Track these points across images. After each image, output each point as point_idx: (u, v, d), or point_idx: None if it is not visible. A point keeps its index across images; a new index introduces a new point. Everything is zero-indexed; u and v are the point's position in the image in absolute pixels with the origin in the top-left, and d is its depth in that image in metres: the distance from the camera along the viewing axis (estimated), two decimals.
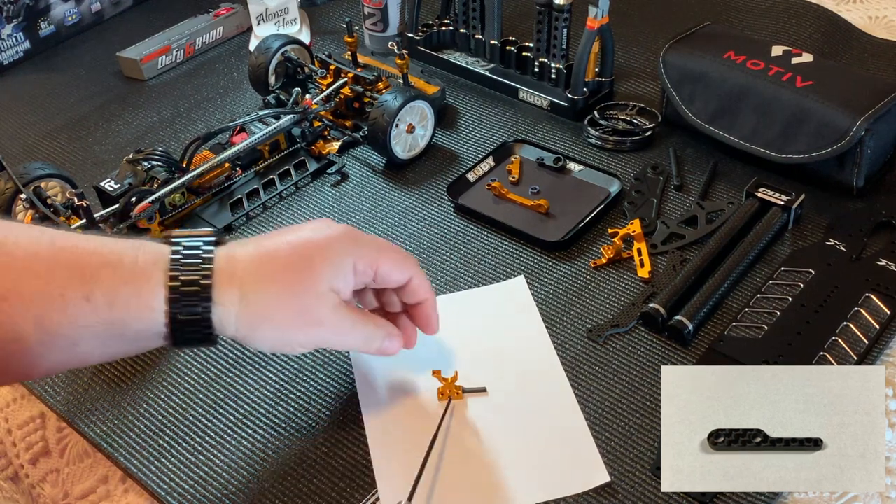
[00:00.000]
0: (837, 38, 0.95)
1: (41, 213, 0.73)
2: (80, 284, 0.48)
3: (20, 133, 0.96)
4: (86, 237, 0.50)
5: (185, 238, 0.52)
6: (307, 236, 0.54)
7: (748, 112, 0.76)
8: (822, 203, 0.74)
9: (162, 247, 0.51)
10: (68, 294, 0.47)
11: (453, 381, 0.61)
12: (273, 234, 0.55)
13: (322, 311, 0.53)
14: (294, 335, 0.53)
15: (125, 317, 0.49)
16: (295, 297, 0.52)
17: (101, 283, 0.48)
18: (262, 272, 0.51)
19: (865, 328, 0.63)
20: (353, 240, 0.55)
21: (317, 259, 0.53)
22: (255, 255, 0.52)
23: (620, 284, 0.69)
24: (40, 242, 0.48)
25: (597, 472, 0.55)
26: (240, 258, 0.52)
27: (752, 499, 0.53)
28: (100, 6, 1.14)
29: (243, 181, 0.82)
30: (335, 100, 0.88)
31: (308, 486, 0.56)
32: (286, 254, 0.53)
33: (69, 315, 0.48)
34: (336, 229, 0.55)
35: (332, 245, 0.54)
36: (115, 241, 0.51)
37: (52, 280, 0.47)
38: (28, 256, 0.48)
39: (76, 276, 0.48)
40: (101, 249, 0.49)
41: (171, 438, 0.60)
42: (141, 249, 0.50)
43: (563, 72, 0.88)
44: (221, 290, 0.50)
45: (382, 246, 0.57)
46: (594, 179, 0.79)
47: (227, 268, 0.51)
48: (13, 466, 0.68)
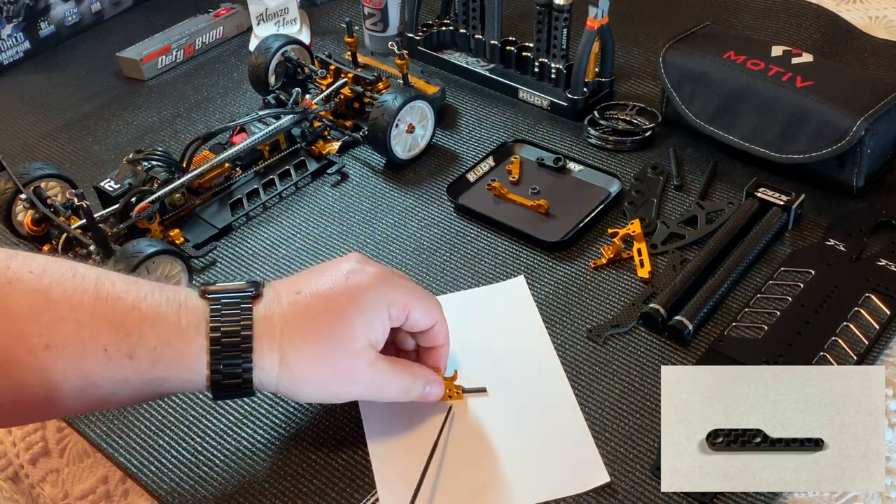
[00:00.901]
0: (837, 38, 0.95)
1: (41, 213, 0.73)
2: (123, 341, 0.48)
3: (20, 133, 0.96)
4: (126, 285, 0.50)
5: (223, 295, 0.52)
6: (341, 284, 0.54)
7: (748, 112, 0.76)
8: (822, 203, 0.74)
9: (201, 305, 0.51)
10: (111, 350, 0.48)
11: (453, 380, 0.61)
12: (308, 276, 0.55)
13: (358, 369, 0.53)
14: (333, 392, 0.54)
15: (167, 375, 0.50)
16: (331, 357, 0.52)
17: (145, 342, 0.49)
18: (298, 333, 0.52)
19: (865, 328, 0.63)
20: (386, 285, 0.55)
21: (350, 313, 0.53)
22: (290, 314, 0.52)
23: (620, 284, 0.69)
24: (85, 291, 0.49)
25: (597, 472, 0.55)
26: (277, 317, 0.52)
27: (751, 499, 0.53)
28: (100, 6, 1.14)
29: (243, 181, 0.82)
30: (335, 100, 0.88)
31: (308, 486, 0.56)
32: (320, 309, 0.53)
33: (110, 369, 0.48)
34: (368, 275, 0.55)
35: (365, 295, 0.54)
36: (155, 291, 0.51)
37: (95, 333, 0.48)
38: (73, 306, 0.48)
39: (120, 331, 0.48)
40: (141, 305, 0.50)
41: (171, 438, 0.60)
42: (182, 308, 0.51)
43: (563, 72, 0.88)
44: (261, 355, 0.51)
45: (413, 291, 0.57)
46: (594, 179, 0.79)
47: (265, 331, 0.51)
48: (13, 466, 0.68)
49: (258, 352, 0.51)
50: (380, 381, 0.55)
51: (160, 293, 0.51)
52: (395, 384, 0.56)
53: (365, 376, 0.54)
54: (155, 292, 0.51)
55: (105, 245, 0.70)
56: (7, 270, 0.48)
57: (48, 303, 0.48)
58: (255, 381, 0.51)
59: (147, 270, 0.67)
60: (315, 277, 0.55)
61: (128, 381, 0.49)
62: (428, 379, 0.58)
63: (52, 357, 0.47)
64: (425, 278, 0.71)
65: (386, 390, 0.56)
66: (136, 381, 0.49)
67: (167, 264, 0.68)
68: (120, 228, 0.73)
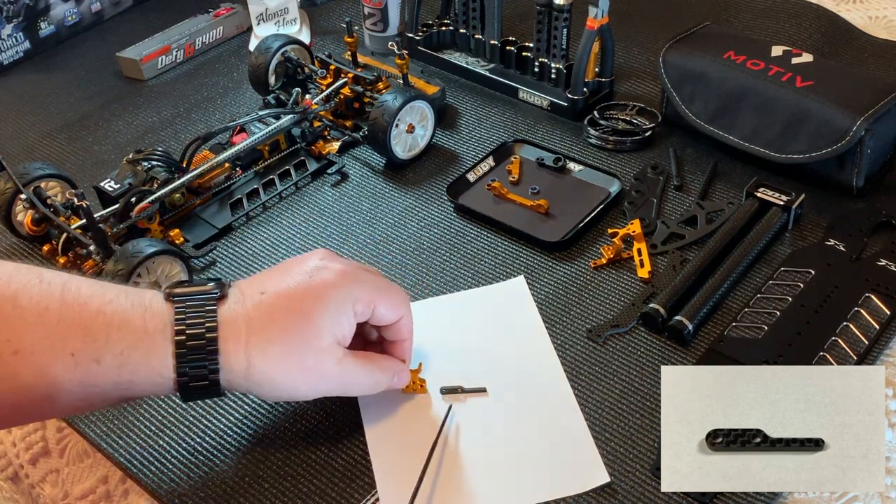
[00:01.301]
0: (837, 38, 0.95)
1: (41, 213, 0.73)
2: (90, 346, 0.49)
3: (20, 133, 0.96)
4: (91, 289, 0.51)
5: (188, 297, 0.52)
6: (305, 282, 0.54)
7: (748, 112, 0.76)
8: (822, 203, 0.74)
9: (165, 308, 0.51)
10: (78, 355, 0.48)
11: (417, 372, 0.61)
12: (272, 275, 0.55)
13: (325, 366, 0.53)
14: (302, 391, 0.54)
15: (134, 379, 0.50)
16: (298, 356, 0.52)
17: (111, 346, 0.49)
18: (263, 334, 0.52)
19: (865, 328, 0.63)
20: (350, 282, 0.55)
21: (316, 312, 0.53)
22: (254, 315, 0.52)
23: (620, 284, 0.69)
24: (52, 296, 0.49)
25: (597, 472, 0.55)
26: (241, 318, 0.52)
27: (751, 499, 0.53)
28: (100, 6, 1.14)
29: (243, 181, 0.82)
30: (335, 100, 0.88)
31: (308, 486, 0.56)
32: (284, 309, 0.53)
33: (78, 374, 0.49)
34: (333, 272, 0.55)
35: (329, 293, 0.53)
36: (120, 296, 0.51)
37: (62, 339, 0.48)
38: (40, 312, 0.48)
39: (87, 336, 0.49)
40: (106, 309, 0.50)
41: (171, 438, 0.60)
42: (148, 311, 0.51)
43: (563, 72, 0.88)
44: (227, 357, 0.51)
45: (379, 286, 0.56)
46: (594, 179, 0.79)
47: (230, 333, 0.51)
48: (13, 466, 0.68)
49: (224, 354, 0.51)
50: (348, 377, 0.55)
51: (125, 297, 0.51)
52: (364, 379, 0.56)
53: (333, 373, 0.54)
54: (120, 296, 0.51)
55: (105, 245, 0.70)
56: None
57: (15, 309, 0.48)
58: (222, 383, 0.51)
59: (147, 270, 0.67)
60: (279, 276, 0.55)
61: (96, 385, 0.49)
62: (395, 370, 0.58)
63: (21, 363, 0.47)
64: (425, 278, 0.71)
65: (354, 386, 0.56)
66: (104, 385, 0.50)
67: (167, 264, 0.68)
68: (120, 228, 0.73)
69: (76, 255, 0.72)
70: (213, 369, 0.51)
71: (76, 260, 0.72)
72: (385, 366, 0.57)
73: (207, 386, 0.51)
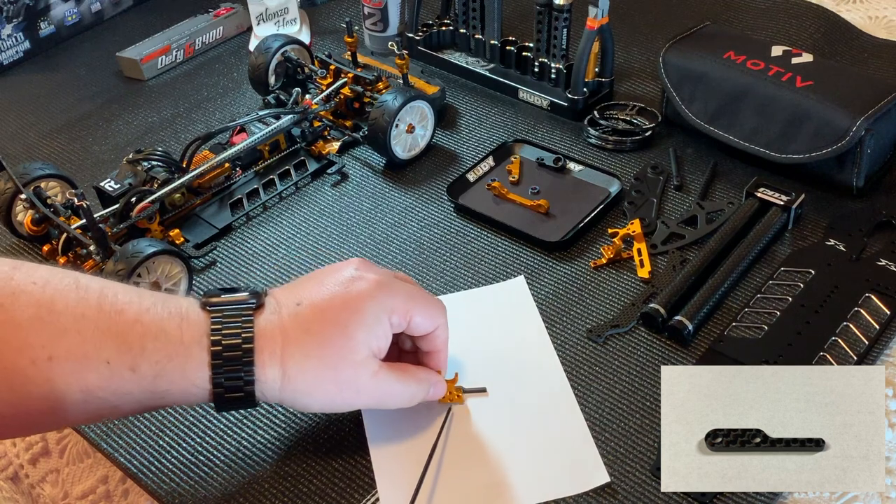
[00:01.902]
0: (837, 38, 0.95)
1: (41, 213, 0.73)
2: (126, 354, 0.48)
3: (20, 133, 0.96)
4: (128, 296, 0.50)
5: (225, 307, 0.52)
6: (341, 293, 0.53)
7: (748, 112, 0.76)
8: (822, 203, 0.74)
9: (202, 318, 0.51)
10: (114, 363, 0.48)
11: (453, 382, 0.61)
12: (308, 285, 0.55)
13: (361, 381, 0.53)
14: (337, 404, 0.54)
15: (169, 388, 0.50)
16: (333, 370, 0.52)
17: (147, 356, 0.49)
18: (299, 346, 0.52)
19: (865, 328, 0.63)
20: (386, 292, 0.54)
21: (352, 324, 0.52)
22: (290, 326, 0.52)
23: (620, 284, 0.69)
24: (88, 303, 0.49)
25: (597, 472, 0.55)
26: (277, 330, 0.52)
27: (752, 499, 0.53)
28: (100, 6, 1.14)
29: (243, 181, 0.82)
30: (335, 100, 0.88)
31: (308, 486, 0.56)
32: (321, 321, 0.52)
33: (113, 382, 0.49)
34: (368, 282, 0.54)
35: (365, 305, 0.53)
36: (157, 304, 0.51)
37: (98, 346, 0.48)
38: (76, 318, 0.48)
39: (122, 345, 0.48)
40: (143, 318, 0.50)
41: (171, 438, 0.60)
42: (184, 321, 0.50)
43: (563, 72, 0.88)
44: (263, 369, 0.51)
45: (415, 295, 0.56)
46: (594, 179, 0.79)
47: (267, 344, 0.51)
48: (13, 466, 0.68)
49: (260, 365, 0.51)
50: (384, 390, 0.54)
51: (162, 306, 0.51)
52: (400, 392, 0.55)
53: (368, 387, 0.53)
54: (157, 305, 0.51)
55: (105, 245, 0.70)
56: (11, 281, 0.48)
57: (51, 314, 0.48)
58: (257, 394, 0.51)
59: (147, 270, 0.67)
60: (315, 286, 0.54)
61: (130, 393, 0.49)
62: (431, 381, 0.57)
63: (55, 369, 0.47)
64: (425, 278, 0.71)
65: (390, 399, 0.55)
66: (138, 393, 0.50)
67: (167, 264, 0.68)
68: (120, 228, 0.73)
69: (76, 254, 0.72)
70: (249, 380, 0.51)
71: (76, 260, 0.72)
72: (421, 377, 0.57)
73: (243, 397, 0.51)
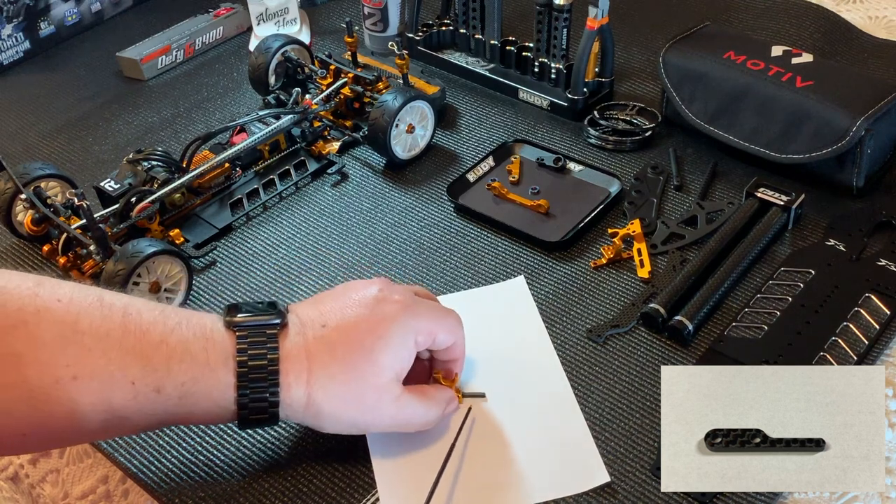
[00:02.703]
0: (837, 38, 0.95)
1: (41, 213, 0.73)
2: (150, 375, 0.49)
3: (20, 133, 0.96)
4: (152, 315, 0.50)
5: (249, 327, 0.51)
6: (366, 316, 0.53)
7: (748, 112, 0.76)
8: (822, 203, 0.74)
9: (227, 338, 0.51)
10: (139, 383, 0.48)
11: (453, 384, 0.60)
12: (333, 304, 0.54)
13: (384, 405, 0.53)
14: (360, 427, 0.55)
15: (193, 409, 0.50)
16: (358, 394, 0.52)
17: (172, 378, 0.49)
18: (324, 370, 0.52)
19: (865, 328, 0.63)
20: (411, 315, 0.54)
21: (377, 349, 0.53)
22: (315, 350, 0.52)
23: (620, 284, 0.69)
24: (113, 321, 0.49)
25: (597, 472, 0.55)
26: (303, 353, 0.52)
27: (752, 499, 0.53)
28: (100, 6, 1.14)
29: (243, 181, 0.82)
30: (335, 100, 0.88)
31: (308, 486, 0.56)
32: (346, 345, 0.52)
33: (138, 402, 0.49)
34: (394, 305, 0.54)
35: (391, 329, 0.53)
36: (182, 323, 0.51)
37: (123, 366, 0.48)
38: (101, 338, 0.48)
39: (147, 366, 0.49)
40: (168, 339, 0.50)
41: (171, 438, 0.60)
42: (210, 342, 0.50)
43: (563, 72, 0.88)
44: (288, 392, 0.51)
45: (437, 314, 0.56)
46: (594, 179, 0.79)
47: (292, 367, 0.51)
48: (13, 466, 0.68)
49: (284, 388, 0.51)
50: (406, 413, 0.55)
51: (187, 326, 0.51)
52: (421, 415, 0.56)
53: (391, 411, 0.54)
54: (182, 325, 0.51)
55: (105, 245, 0.70)
56: (36, 298, 0.48)
57: (76, 334, 0.48)
58: (280, 415, 0.52)
59: (147, 270, 0.67)
60: (339, 306, 0.54)
61: (154, 413, 0.50)
62: (446, 400, 0.58)
63: (79, 388, 0.47)
64: (425, 279, 0.71)
65: (412, 422, 0.56)
66: (161, 413, 0.50)
67: (167, 264, 0.68)
68: (120, 228, 0.73)
69: (76, 254, 0.72)
70: (274, 402, 0.51)
71: (76, 260, 0.72)
72: (438, 398, 0.57)
73: (266, 418, 0.51)
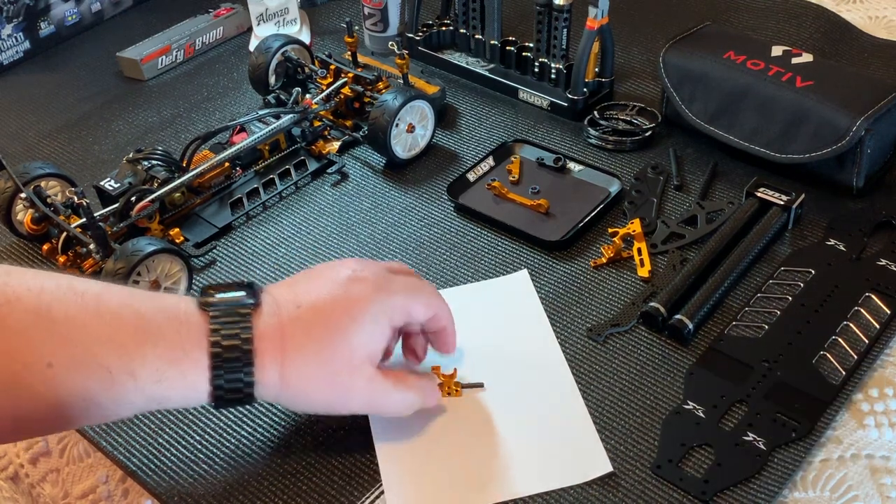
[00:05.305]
0: (837, 38, 0.95)
1: (41, 212, 0.73)
2: (126, 363, 0.48)
3: (20, 133, 0.96)
4: (124, 299, 0.50)
5: (223, 307, 0.51)
6: (340, 296, 0.53)
7: (748, 112, 0.76)
8: (822, 203, 0.74)
9: (200, 320, 0.51)
10: (114, 370, 0.48)
11: (452, 378, 0.61)
12: (306, 285, 0.55)
13: (356, 385, 0.53)
14: (334, 407, 0.55)
15: (169, 393, 0.50)
16: (331, 374, 0.52)
17: (147, 363, 0.49)
18: (298, 351, 0.52)
19: (866, 328, 0.63)
20: (384, 293, 0.54)
21: (351, 329, 0.53)
22: (289, 330, 0.52)
23: (620, 284, 0.69)
24: (85, 309, 0.49)
25: (599, 462, 0.55)
26: (277, 333, 0.52)
27: (752, 498, 0.53)
28: (100, 6, 1.14)
29: (243, 181, 0.82)
30: (335, 100, 0.88)
31: (308, 484, 0.56)
32: (320, 325, 0.52)
33: (114, 389, 0.48)
34: (366, 284, 0.54)
35: (364, 308, 0.53)
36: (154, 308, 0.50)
37: (97, 353, 0.48)
38: (75, 325, 0.48)
39: (122, 352, 0.48)
40: (141, 323, 0.49)
41: (171, 437, 0.60)
42: (183, 325, 0.50)
43: (563, 72, 0.88)
44: (262, 371, 0.51)
45: (411, 289, 0.56)
46: (594, 179, 0.79)
47: (267, 347, 0.51)
48: (13, 466, 0.68)
49: (259, 368, 0.51)
50: (378, 396, 0.55)
51: (160, 309, 0.51)
52: (396, 399, 0.56)
53: (363, 392, 0.54)
54: (156, 308, 0.50)
55: (105, 244, 0.70)
56: (6, 287, 0.48)
57: (49, 322, 0.47)
58: (255, 395, 0.52)
59: (147, 269, 0.67)
60: (314, 286, 0.54)
61: (131, 400, 0.49)
62: (426, 389, 0.58)
63: (55, 376, 0.47)
64: (426, 278, 0.71)
65: (386, 405, 0.56)
66: (138, 399, 0.50)
67: (167, 263, 0.68)
68: (120, 227, 0.73)
69: (76, 253, 0.72)
70: (249, 382, 0.51)
71: (76, 259, 0.72)
72: (416, 386, 0.57)
73: (242, 398, 0.51)
